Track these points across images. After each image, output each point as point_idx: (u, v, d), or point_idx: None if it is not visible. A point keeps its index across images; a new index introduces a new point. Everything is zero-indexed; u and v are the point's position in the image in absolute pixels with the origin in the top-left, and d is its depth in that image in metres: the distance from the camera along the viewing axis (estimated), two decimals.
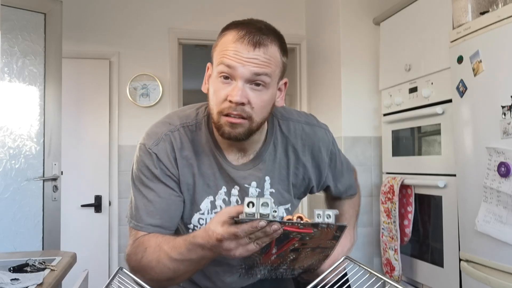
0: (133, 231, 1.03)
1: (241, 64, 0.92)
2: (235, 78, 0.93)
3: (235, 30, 0.95)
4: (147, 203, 1.01)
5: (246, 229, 0.78)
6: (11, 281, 1.23)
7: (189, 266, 0.93)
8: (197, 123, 1.07)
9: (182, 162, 1.03)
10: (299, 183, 1.14)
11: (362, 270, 0.89)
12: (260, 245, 0.82)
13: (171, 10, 3.27)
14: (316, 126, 1.16)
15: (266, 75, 0.94)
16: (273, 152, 1.10)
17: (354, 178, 1.32)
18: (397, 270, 2.26)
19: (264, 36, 0.94)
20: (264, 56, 0.93)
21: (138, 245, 0.99)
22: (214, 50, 0.99)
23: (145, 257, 0.96)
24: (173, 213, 1.03)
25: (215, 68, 0.97)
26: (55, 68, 2.66)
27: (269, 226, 0.78)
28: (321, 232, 0.83)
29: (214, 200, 1.06)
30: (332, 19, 2.90)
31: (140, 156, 1.04)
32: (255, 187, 1.07)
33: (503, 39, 1.61)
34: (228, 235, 0.80)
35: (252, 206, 0.78)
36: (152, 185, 1.02)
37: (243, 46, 0.92)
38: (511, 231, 1.55)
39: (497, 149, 1.60)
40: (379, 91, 2.67)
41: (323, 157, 1.15)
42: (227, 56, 0.93)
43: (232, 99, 0.92)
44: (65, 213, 2.80)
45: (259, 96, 0.95)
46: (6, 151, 2.47)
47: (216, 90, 0.96)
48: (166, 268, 0.94)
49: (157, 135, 1.04)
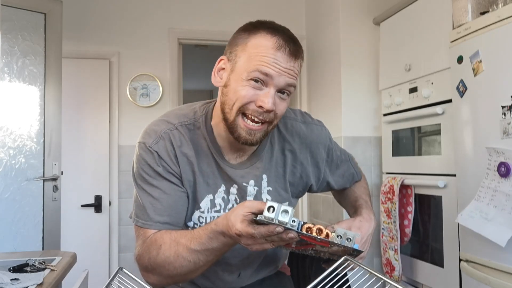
0: (141, 231, 1.02)
1: (279, 73, 0.93)
2: (267, 85, 0.94)
3: (271, 36, 0.95)
4: (154, 201, 1.01)
5: (263, 232, 0.80)
6: (11, 281, 1.23)
7: (209, 255, 0.94)
8: (195, 122, 1.07)
9: (182, 160, 1.04)
10: (296, 181, 1.15)
11: (362, 270, 0.89)
12: (275, 245, 0.85)
13: (171, 10, 3.27)
14: (312, 124, 1.17)
15: (294, 86, 0.98)
16: (270, 151, 1.10)
17: (354, 164, 1.33)
18: (397, 270, 2.26)
19: (299, 48, 0.97)
20: (298, 67, 0.97)
21: (150, 243, 0.99)
22: (241, 49, 0.97)
23: (161, 253, 0.96)
24: (180, 208, 1.03)
25: (243, 69, 0.95)
26: (55, 68, 2.66)
27: (286, 234, 0.80)
28: (338, 247, 0.86)
29: (214, 198, 1.07)
30: (332, 19, 2.90)
31: (140, 155, 1.03)
32: (253, 185, 1.08)
33: (503, 39, 1.61)
34: (246, 234, 0.83)
35: (273, 211, 0.78)
36: (156, 183, 1.02)
37: (283, 56, 0.94)
38: (492, 227, 1.56)
39: (497, 149, 1.60)
40: (379, 91, 2.67)
41: (321, 154, 1.17)
42: (265, 64, 0.93)
43: (265, 105, 0.94)
44: (65, 213, 2.80)
45: (283, 104, 0.98)
46: (6, 151, 2.47)
47: (240, 90, 0.95)
48: (186, 261, 0.94)
49: (156, 133, 1.04)
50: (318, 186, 1.22)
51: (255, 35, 0.96)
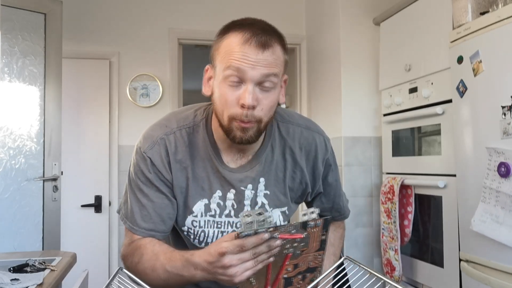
0: (129, 233, 1.07)
1: (251, 67, 0.91)
2: (244, 81, 0.92)
3: (238, 32, 0.93)
4: (142, 207, 1.04)
5: (254, 240, 0.80)
6: (11, 281, 1.23)
7: (180, 281, 0.95)
8: (194, 125, 1.07)
9: (176, 166, 1.04)
10: (296, 186, 1.13)
11: (362, 270, 0.89)
12: (259, 262, 0.82)
13: (171, 10, 3.28)
14: (315, 132, 1.15)
15: (275, 76, 0.94)
16: (270, 154, 1.09)
17: (345, 200, 1.27)
18: (398, 270, 2.26)
19: (269, 37, 0.93)
20: (272, 56, 0.93)
21: (134, 248, 1.02)
22: (216, 53, 0.97)
23: (141, 263, 0.99)
24: (165, 216, 1.05)
25: (220, 72, 0.95)
26: (55, 68, 2.66)
27: (273, 241, 0.80)
28: (310, 237, 0.85)
29: (209, 203, 1.06)
30: (332, 19, 2.90)
31: (136, 160, 1.05)
32: (250, 189, 1.07)
33: (503, 39, 1.61)
34: (234, 247, 0.81)
35: (249, 216, 0.82)
36: (146, 190, 1.04)
37: (251, 49, 0.91)
38: (506, 231, 1.55)
39: (497, 149, 1.60)
40: (379, 91, 2.67)
41: (319, 164, 1.14)
42: (235, 60, 0.91)
43: (244, 102, 0.91)
44: (65, 213, 2.80)
45: (268, 97, 0.95)
46: (6, 151, 2.47)
47: (223, 94, 0.95)
48: (159, 278, 0.96)
49: (152, 138, 1.04)
50: (312, 196, 1.19)
51: (226, 35, 0.95)
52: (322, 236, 0.87)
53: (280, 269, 0.89)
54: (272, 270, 0.88)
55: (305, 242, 0.86)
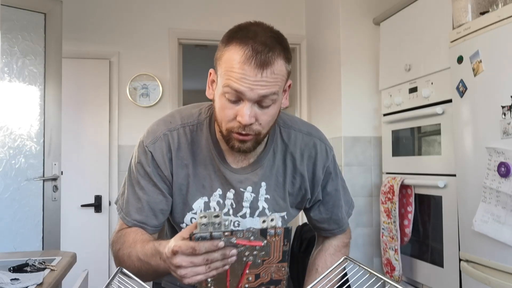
0: (120, 221, 1.08)
1: (249, 88, 0.89)
2: (243, 99, 0.92)
3: (240, 47, 0.90)
4: (137, 199, 1.05)
5: (207, 246, 0.76)
6: (11, 281, 1.23)
7: (149, 270, 0.95)
8: (198, 123, 1.07)
9: (177, 163, 1.05)
10: (295, 192, 1.13)
11: (362, 270, 0.89)
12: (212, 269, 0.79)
13: (171, 10, 3.28)
14: (317, 138, 1.14)
15: (274, 94, 0.92)
16: (272, 159, 1.09)
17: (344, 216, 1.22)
18: (398, 270, 2.26)
19: (271, 53, 0.90)
20: (271, 76, 0.90)
21: (120, 236, 1.04)
22: (219, 62, 0.95)
23: (122, 249, 1.01)
24: (158, 212, 1.06)
25: (220, 85, 0.94)
26: (55, 68, 2.66)
27: (229, 250, 0.77)
28: (271, 246, 0.82)
29: (209, 201, 1.07)
30: (332, 19, 2.90)
31: (138, 152, 1.07)
32: (250, 191, 1.07)
33: (503, 39, 1.61)
34: (186, 248, 0.77)
35: (205, 218, 0.79)
36: (143, 183, 1.05)
37: (250, 69, 0.89)
38: (508, 231, 1.55)
39: (497, 149, 1.60)
40: (379, 91, 2.67)
41: (318, 171, 1.13)
42: (233, 80, 0.90)
43: (241, 120, 0.92)
44: (65, 213, 2.80)
45: (267, 113, 0.95)
46: (6, 151, 2.47)
47: (222, 108, 0.95)
48: (134, 265, 0.97)
49: (155, 133, 1.05)
50: (310, 203, 1.17)
51: (228, 47, 0.93)
52: (284, 247, 0.83)
53: (240, 278, 0.85)
54: (232, 278, 0.85)
55: (265, 251, 0.83)
